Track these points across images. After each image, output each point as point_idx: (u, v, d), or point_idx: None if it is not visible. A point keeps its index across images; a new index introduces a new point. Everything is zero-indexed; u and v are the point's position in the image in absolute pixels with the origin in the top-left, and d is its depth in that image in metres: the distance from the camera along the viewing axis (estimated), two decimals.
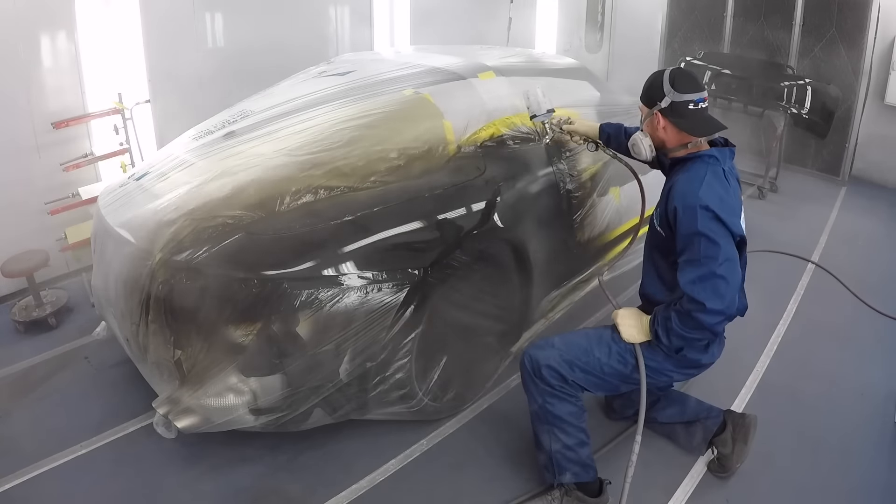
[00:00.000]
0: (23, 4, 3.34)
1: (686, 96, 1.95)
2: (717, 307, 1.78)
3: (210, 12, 4.17)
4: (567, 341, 2.11)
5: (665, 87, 1.96)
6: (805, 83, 5.17)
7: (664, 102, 1.97)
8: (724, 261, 1.79)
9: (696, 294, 1.80)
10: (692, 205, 1.84)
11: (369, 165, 2.44)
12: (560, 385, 2.04)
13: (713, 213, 1.82)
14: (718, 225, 1.82)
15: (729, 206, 1.87)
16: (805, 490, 2.28)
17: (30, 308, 3.38)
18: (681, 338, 1.90)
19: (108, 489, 2.28)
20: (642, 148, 2.07)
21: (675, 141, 2.02)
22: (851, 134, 5.71)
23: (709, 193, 1.85)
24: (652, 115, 2.02)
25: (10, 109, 3.42)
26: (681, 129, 1.99)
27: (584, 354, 2.05)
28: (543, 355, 2.07)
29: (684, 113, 1.96)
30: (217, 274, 2.08)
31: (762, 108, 5.30)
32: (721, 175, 1.94)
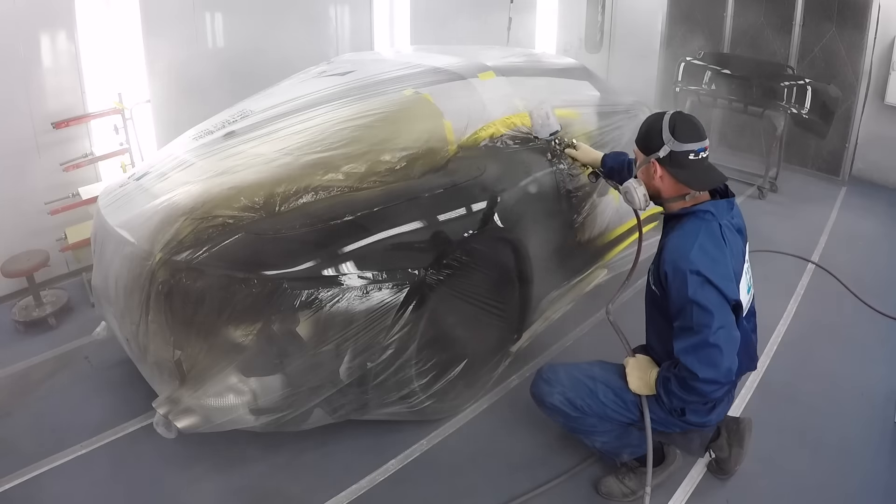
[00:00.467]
0: (23, 4, 3.34)
1: (687, 146, 1.85)
2: (710, 376, 1.73)
3: (210, 12, 4.17)
4: (573, 379, 2.07)
5: (664, 134, 1.86)
6: (805, 83, 5.17)
7: (662, 151, 1.87)
8: (717, 329, 1.72)
9: (689, 364, 1.75)
10: (682, 269, 1.77)
11: (369, 165, 2.44)
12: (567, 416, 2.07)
13: (704, 278, 1.74)
14: (711, 290, 1.74)
15: (723, 270, 1.79)
16: (805, 490, 2.28)
17: (30, 308, 3.38)
18: (680, 400, 1.86)
19: (108, 489, 2.28)
20: (636, 197, 1.96)
21: (672, 191, 1.93)
22: (851, 134, 5.70)
23: (700, 256, 1.77)
24: (648, 163, 1.92)
25: (10, 109, 3.42)
26: (679, 181, 1.89)
27: (589, 397, 2.03)
28: (548, 392, 2.08)
29: (684, 163, 1.86)
30: (217, 274, 2.08)
31: (762, 108, 5.29)
32: (717, 233, 1.85)
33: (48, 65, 3.56)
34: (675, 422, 2.02)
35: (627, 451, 2.15)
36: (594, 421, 2.07)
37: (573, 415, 2.06)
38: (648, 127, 1.94)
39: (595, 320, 3.32)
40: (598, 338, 3.19)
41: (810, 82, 5.17)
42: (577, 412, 2.05)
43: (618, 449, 2.16)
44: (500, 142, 2.81)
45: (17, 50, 3.40)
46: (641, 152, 1.97)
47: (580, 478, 2.32)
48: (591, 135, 3.16)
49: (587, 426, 2.09)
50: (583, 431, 2.13)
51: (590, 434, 2.12)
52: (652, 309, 2.08)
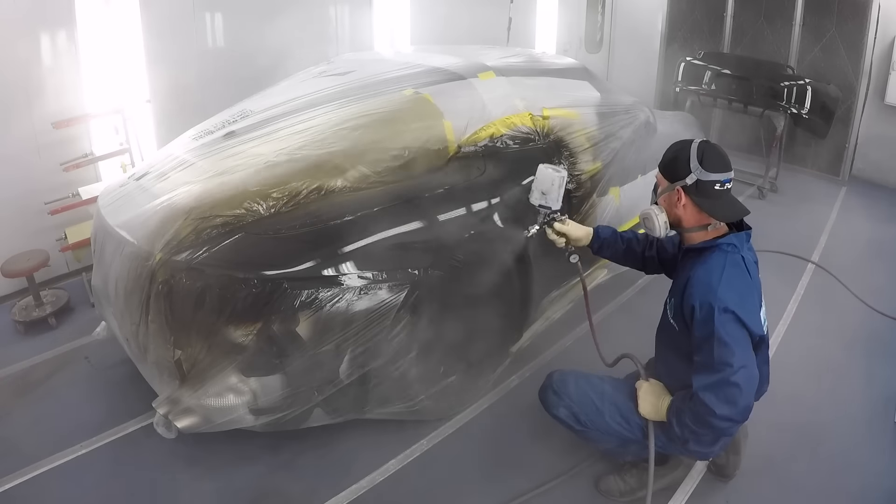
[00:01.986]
0: (23, 4, 3.34)
1: (714, 176, 1.84)
2: (727, 414, 1.72)
3: (210, 13, 4.17)
4: (582, 394, 2.08)
5: (692, 163, 1.84)
6: (805, 83, 5.17)
7: (689, 179, 1.85)
8: (739, 368, 1.71)
9: (708, 401, 1.73)
10: (710, 306, 1.75)
11: (369, 165, 2.44)
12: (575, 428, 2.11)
13: (733, 315, 1.73)
14: (737, 327, 1.74)
15: (750, 305, 1.79)
16: (805, 490, 2.28)
17: (30, 308, 3.38)
18: (693, 433, 1.84)
19: (108, 489, 2.28)
20: (656, 225, 1.93)
21: (693, 221, 1.91)
22: (851, 134, 5.71)
23: (728, 292, 1.76)
24: (673, 190, 1.90)
25: (10, 109, 3.42)
26: (703, 210, 1.88)
27: (594, 414, 2.05)
28: (554, 404, 2.12)
29: (709, 193, 1.85)
30: (217, 274, 2.08)
31: (762, 108, 5.29)
32: (741, 265, 1.85)
33: (48, 65, 3.56)
34: (678, 448, 2.01)
35: (631, 452, 2.16)
36: (597, 435, 2.10)
37: (577, 428, 2.11)
38: (675, 153, 1.92)
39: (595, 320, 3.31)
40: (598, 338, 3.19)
41: (810, 82, 5.17)
42: (580, 426, 2.09)
43: (620, 454, 2.19)
44: (500, 142, 2.81)
45: (17, 50, 3.39)
46: (666, 179, 1.94)
47: (580, 478, 2.32)
48: (591, 135, 3.16)
49: (589, 438, 2.14)
50: (585, 440, 2.18)
51: (593, 441, 2.17)
52: (666, 344, 2.06)
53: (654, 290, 2.63)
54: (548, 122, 2.98)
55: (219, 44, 4.28)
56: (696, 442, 1.90)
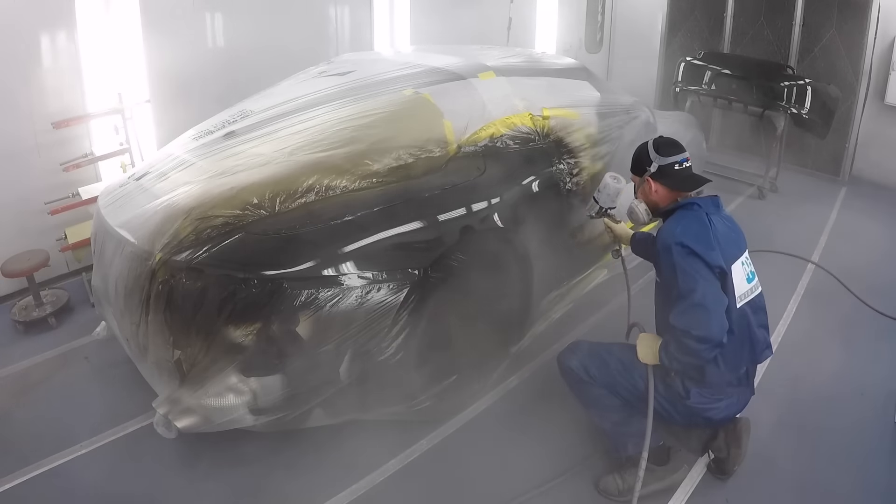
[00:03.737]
0: (23, 4, 3.34)
1: (671, 159, 2.20)
2: (701, 334, 1.91)
3: (210, 12, 4.17)
4: (593, 351, 2.30)
5: (651, 154, 2.22)
6: (805, 83, 5.16)
7: (653, 167, 2.21)
8: (702, 291, 1.94)
9: (681, 325, 1.94)
10: (668, 243, 2.03)
11: (369, 165, 2.44)
12: (584, 379, 2.24)
13: (688, 249, 1.98)
14: (694, 259, 1.98)
15: (704, 241, 2.02)
16: (805, 490, 2.28)
17: (30, 308, 3.38)
18: (678, 361, 2.02)
19: (108, 489, 2.28)
20: (639, 213, 2.28)
21: (667, 200, 2.24)
22: (851, 134, 5.71)
23: (685, 231, 2.04)
24: (644, 182, 2.26)
25: (10, 109, 3.42)
26: (671, 189, 2.22)
27: (601, 366, 2.23)
28: (568, 357, 2.31)
29: (671, 174, 2.20)
30: (217, 274, 2.08)
31: (762, 108, 5.29)
32: (703, 218, 2.10)
33: (48, 65, 3.56)
34: (679, 407, 2.17)
35: (632, 441, 2.20)
36: (602, 392, 2.22)
37: (584, 379, 2.24)
38: (637, 153, 2.29)
39: (595, 320, 3.32)
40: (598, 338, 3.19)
41: (810, 82, 5.17)
42: (587, 377, 2.24)
43: (623, 437, 2.23)
44: (500, 142, 2.81)
45: (17, 50, 3.39)
46: (636, 175, 2.30)
47: (580, 477, 2.32)
48: (591, 135, 3.16)
49: (595, 396, 2.24)
50: (592, 403, 2.27)
51: (598, 408, 2.26)
52: (658, 297, 2.29)
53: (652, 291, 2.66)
54: (548, 122, 2.98)
55: (219, 43, 4.28)
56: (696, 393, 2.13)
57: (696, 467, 2.35)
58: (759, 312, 2.19)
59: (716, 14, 6.44)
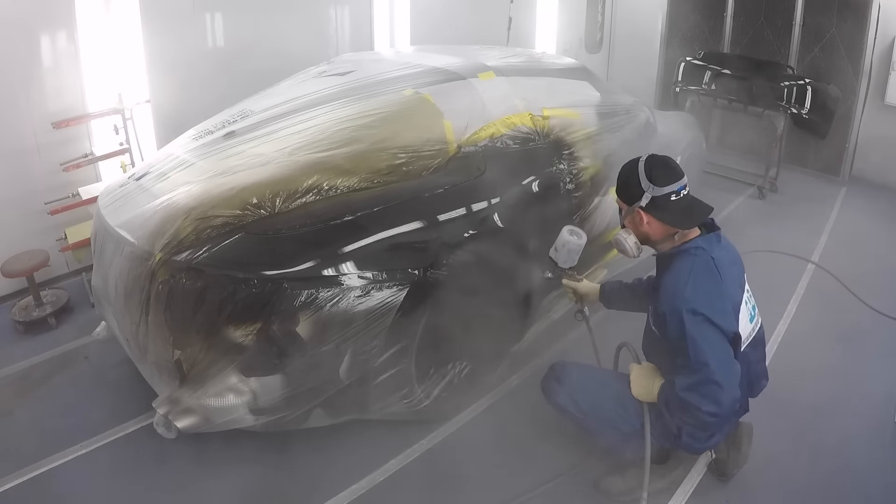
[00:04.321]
0: (23, 4, 3.34)
1: (667, 189, 1.88)
2: (713, 411, 1.78)
3: (210, 12, 4.17)
4: (582, 382, 2.17)
5: (643, 182, 1.89)
6: (805, 83, 5.17)
7: (644, 200, 1.89)
8: (716, 366, 1.76)
9: (692, 400, 1.79)
10: (678, 309, 1.79)
11: (369, 165, 2.44)
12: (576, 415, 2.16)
13: (703, 316, 1.77)
14: (709, 327, 1.77)
15: (719, 304, 1.82)
16: (805, 491, 2.28)
17: (30, 308, 3.38)
18: (680, 420, 1.90)
19: (108, 489, 2.28)
20: (627, 246, 2.00)
21: (660, 234, 1.95)
22: (851, 134, 5.70)
23: (695, 294, 1.80)
24: (633, 213, 1.95)
25: (10, 109, 3.42)
26: (665, 223, 1.92)
27: (594, 400, 2.12)
28: (555, 391, 2.19)
29: (667, 206, 1.89)
30: (217, 274, 2.08)
31: (762, 108, 5.29)
32: (710, 266, 1.87)
33: (48, 65, 3.56)
34: (673, 440, 2.05)
35: (631, 448, 2.15)
36: (597, 425, 2.15)
37: (577, 415, 2.16)
38: (625, 177, 1.97)
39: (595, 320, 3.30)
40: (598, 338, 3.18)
41: (810, 82, 5.17)
42: (580, 414, 2.14)
43: (621, 450, 2.19)
44: (500, 142, 2.81)
45: (17, 50, 3.39)
46: (624, 203, 1.99)
47: (580, 478, 2.32)
48: (591, 135, 3.16)
49: (590, 428, 2.20)
50: (587, 431, 2.23)
51: (593, 434, 2.22)
52: (650, 347, 2.14)
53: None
54: (548, 122, 2.98)
55: (218, 44, 4.27)
56: (688, 435, 1.96)
57: (696, 467, 2.35)
58: (759, 347, 2.08)
59: (716, 14, 6.44)
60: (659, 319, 1.89)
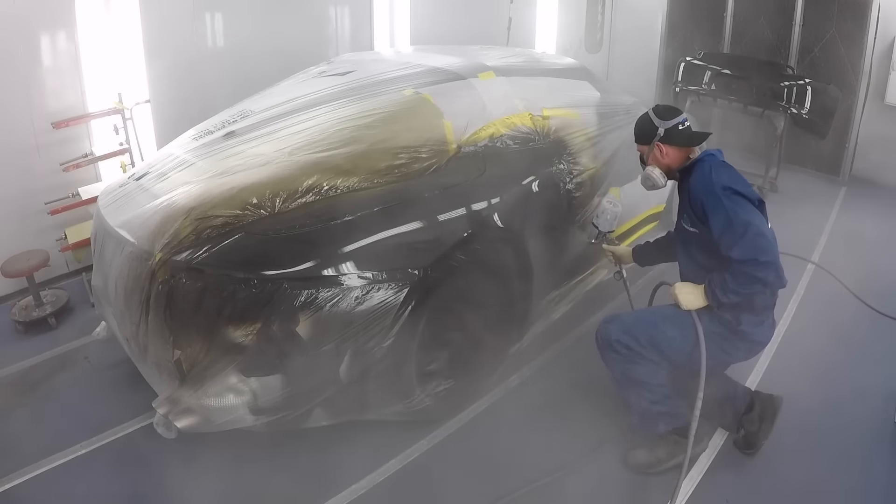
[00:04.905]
0: (23, 4, 3.34)
1: (674, 121, 2.29)
2: (768, 259, 2.04)
3: (210, 12, 4.17)
4: (636, 316, 2.36)
5: (655, 121, 2.31)
6: (805, 83, 5.16)
7: (660, 132, 2.30)
8: (758, 222, 2.06)
9: (748, 255, 2.02)
10: (712, 190, 2.12)
11: (369, 165, 2.44)
12: (630, 352, 2.24)
13: (732, 189, 2.11)
14: (739, 198, 2.10)
15: (740, 180, 2.20)
16: (805, 490, 2.28)
17: (30, 308, 3.38)
18: (736, 293, 2.10)
19: (108, 489, 2.28)
20: (656, 178, 2.36)
21: (678, 160, 2.34)
22: (851, 134, 5.70)
23: (720, 176, 2.16)
24: (653, 148, 2.33)
25: (10, 109, 3.42)
26: (680, 147, 2.31)
27: (651, 328, 2.25)
28: (612, 329, 2.30)
29: (678, 134, 2.30)
30: (217, 274, 2.08)
31: (762, 108, 5.29)
32: (722, 162, 2.27)
33: (48, 65, 3.56)
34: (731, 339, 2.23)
35: (664, 420, 2.28)
36: (651, 364, 2.23)
37: (634, 348, 2.23)
38: (640, 124, 2.39)
39: (595, 320, 3.31)
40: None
41: (810, 82, 5.17)
42: (638, 346, 2.23)
43: (656, 416, 2.28)
44: (500, 142, 2.81)
45: (17, 50, 3.40)
46: (643, 145, 2.38)
47: (578, 475, 2.32)
48: (591, 135, 3.16)
49: (643, 372, 2.24)
50: (634, 379, 2.25)
51: (638, 386, 2.25)
52: (691, 253, 2.33)
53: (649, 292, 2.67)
54: (548, 122, 2.98)
55: (219, 44, 4.28)
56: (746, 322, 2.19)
57: (696, 467, 2.35)
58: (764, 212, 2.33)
59: (716, 14, 6.44)
60: (698, 215, 2.18)
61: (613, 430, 2.49)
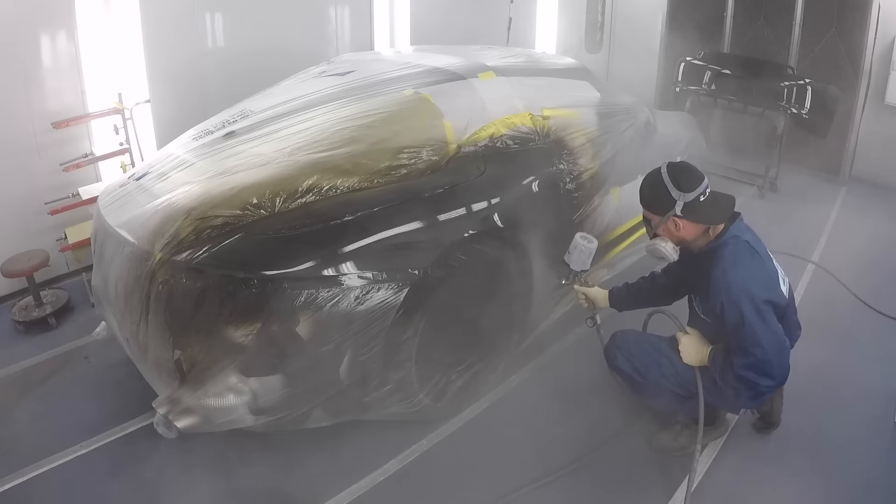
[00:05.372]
0: (23, 4, 3.34)
1: (695, 192, 2.01)
2: (768, 384, 2.01)
3: (210, 12, 4.17)
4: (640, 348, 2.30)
5: (673, 192, 2.02)
6: (805, 83, 5.16)
7: (678, 207, 2.03)
8: (769, 346, 1.94)
9: (750, 377, 1.99)
10: (735, 299, 1.94)
11: (369, 165, 2.44)
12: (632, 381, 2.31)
13: (759, 298, 1.94)
14: (765, 308, 1.95)
15: (768, 283, 2.02)
16: (805, 490, 2.28)
17: (30, 308, 3.38)
18: (733, 389, 2.07)
19: (108, 489, 2.28)
20: (667, 252, 2.12)
21: (694, 234, 2.10)
22: (851, 134, 5.70)
23: (746, 279, 1.96)
24: (666, 221, 2.08)
25: (10, 109, 3.42)
26: (699, 223, 2.07)
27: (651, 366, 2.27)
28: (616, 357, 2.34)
29: (698, 207, 2.03)
30: (217, 274, 2.08)
31: (762, 108, 5.29)
32: (750, 249, 2.05)
33: (48, 65, 3.56)
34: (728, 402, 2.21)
35: (682, 413, 2.34)
36: (653, 389, 2.29)
37: (637, 380, 2.30)
38: (653, 190, 2.09)
39: None
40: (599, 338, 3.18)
41: (810, 82, 5.17)
42: (640, 377, 2.29)
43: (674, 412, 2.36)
44: (500, 142, 2.81)
45: (17, 50, 3.39)
46: (655, 215, 2.11)
47: (576, 475, 2.32)
48: (591, 135, 3.16)
49: (647, 393, 2.33)
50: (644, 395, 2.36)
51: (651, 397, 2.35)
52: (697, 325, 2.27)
53: None
54: (548, 122, 2.98)
55: (219, 44, 4.27)
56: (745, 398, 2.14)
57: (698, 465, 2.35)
58: (791, 301, 2.25)
59: (716, 14, 6.44)
60: (714, 310, 2.03)
61: (614, 429, 2.49)
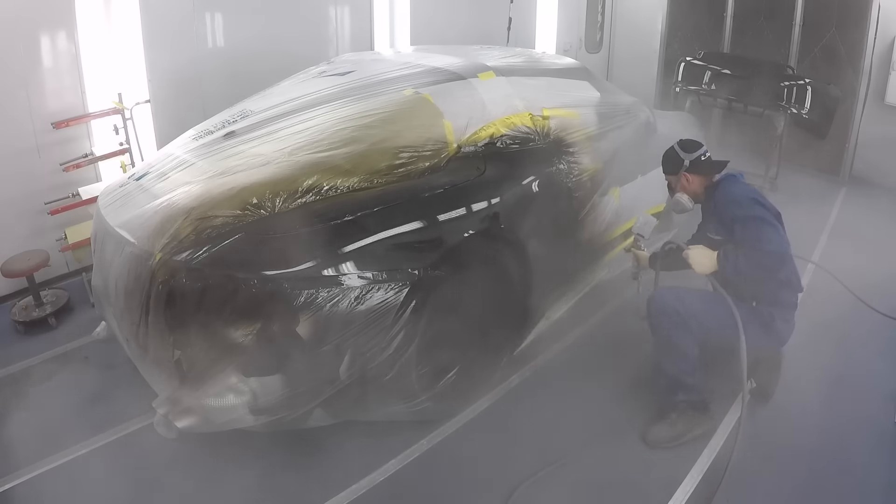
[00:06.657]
0: (23, 4, 3.34)
1: (698, 153, 2.62)
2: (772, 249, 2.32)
3: (210, 12, 4.17)
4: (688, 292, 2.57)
5: (681, 154, 2.63)
6: (805, 83, 5.16)
7: (686, 164, 2.61)
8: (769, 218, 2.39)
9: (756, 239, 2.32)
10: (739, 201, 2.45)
11: (369, 165, 2.44)
12: (679, 317, 2.46)
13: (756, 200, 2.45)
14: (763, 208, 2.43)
15: (759, 193, 2.52)
16: (805, 490, 2.28)
17: (30, 308, 3.38)
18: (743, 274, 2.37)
19: (108, 489, 2.28)
20: (685, 202, 2.68)
21: (701, 185, 2.67)
22: (851, 134, 5.70)
23: (745, 190, 2.53)
24: (680, 178, 2.66)
25: (10, 109, 3.42)
26: (704, 175, 2.64)
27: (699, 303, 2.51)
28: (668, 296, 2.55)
29: (702, 164, 2.63)
30: (217, 274, 2.08)
31: (762, 108, 5.29)
32: (745, 183, 2.61)
33: (48, 65, 3.56)
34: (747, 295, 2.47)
35: (684, 391, 2.49)
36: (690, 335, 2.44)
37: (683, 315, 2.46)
38: (667, 157, 2.69)
39: (597, 320, 3.31)
40: (599, 338, 3.19)
41: (810, 82, 5.17)
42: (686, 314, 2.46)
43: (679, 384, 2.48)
44: (500, 142, 2.81)
45: (17, 50, 3.40)
46: (672, 175, 2.70)
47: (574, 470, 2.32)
48: (591, 135, 3.16)
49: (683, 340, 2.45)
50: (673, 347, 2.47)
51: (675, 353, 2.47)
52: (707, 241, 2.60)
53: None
54: (548, 122, 2.98)
55: (219, 43, 4.27)
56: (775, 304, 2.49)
57: (696, 466, 2.36)
58: None
59: (716, 14, 6.44)
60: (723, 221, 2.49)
61: (613, 430, 2.49)
